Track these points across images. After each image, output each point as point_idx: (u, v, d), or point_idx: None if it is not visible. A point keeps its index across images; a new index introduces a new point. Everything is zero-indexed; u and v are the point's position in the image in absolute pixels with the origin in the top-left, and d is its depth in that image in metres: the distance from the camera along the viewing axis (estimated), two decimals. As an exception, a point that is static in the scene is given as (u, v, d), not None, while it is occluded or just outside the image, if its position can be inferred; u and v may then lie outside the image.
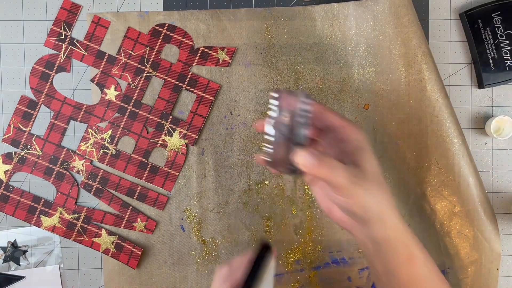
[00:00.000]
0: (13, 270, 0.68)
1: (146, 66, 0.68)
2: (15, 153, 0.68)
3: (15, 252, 0.68)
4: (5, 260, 0.68)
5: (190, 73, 0.68)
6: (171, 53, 0.68)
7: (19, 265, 0.68)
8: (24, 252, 0.68)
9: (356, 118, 0.70)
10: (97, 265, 0.69)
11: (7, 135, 0.68)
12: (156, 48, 0.68)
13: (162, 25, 0.68)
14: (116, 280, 0.69)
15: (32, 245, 0.69)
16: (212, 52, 0.68)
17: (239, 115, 0.69)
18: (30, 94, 0.68)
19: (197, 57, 0.68)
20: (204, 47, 0.68)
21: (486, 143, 0.72)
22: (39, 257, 0.69)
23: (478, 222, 0.70)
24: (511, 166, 0.73)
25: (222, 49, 0.68)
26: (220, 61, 0.69)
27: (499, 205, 0.73)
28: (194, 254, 0.70)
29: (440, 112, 0.69)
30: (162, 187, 0.69)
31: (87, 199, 0.69)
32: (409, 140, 0.70)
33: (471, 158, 0.70)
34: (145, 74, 0.68)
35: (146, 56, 0.68)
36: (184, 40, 0.68)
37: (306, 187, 0.70)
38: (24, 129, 0.68)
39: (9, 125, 0.68)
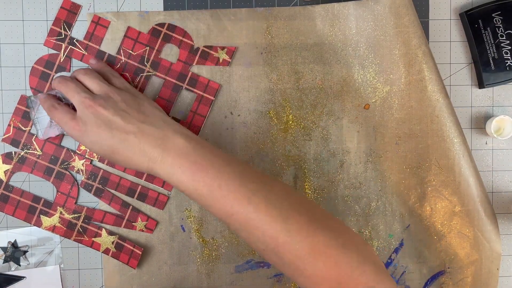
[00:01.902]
0: (13, 271, 0.68)
1: (146, 66, 0.68)
2: (15, 153, 0.68)
3: (15, 252, 0.68)
4: (5, 260, 0.68)
5: (190, 73, 0.68)
6: (171, 53, 0.68)
7: (19, 265, 0.68)
8: (24, 252, 0.68)
9: (356, 118, 0.70)
10: (97, 265, 0.69)
11: (6, 135, 0.67)
12: (156, 48, 0.68)
13: (162, 25, 0.68)
14: (117, 280, 0.69)
15: (32, 245, 0.69)
16: (212, 52, 0.68)
17: (239, 115, 0.69)
18: (30, 94, 0.67)
19: (197, 57, 0.68)
20: (204, 46, 0.68)
21: (486, 143, 0.72)
22: (40, 257, 0.69)
23: (478, 222, 0.70)
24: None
25: (222, 48, 0.68)
26: (220, 60, 0.68)
27: (500, 205, 0.73)
28: (195, 254, 0.70)
29: (441, 112, 0.69)
30: (162, 187, 0.69)
31: (87, 199, 0.68)
32: (409, 140, 0.70)
33: (472, 158, 0.70)
34: (145, 74, 0.68)
35: (146, 56, 0.68)
36: (184, 39, 0.68)
37: (306, 187, 0.70)
38: (24, 128, 0.67)
39: (9, 125, 0.67)
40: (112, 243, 0.68)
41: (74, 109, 0.61)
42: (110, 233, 0.68)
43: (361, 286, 0.51)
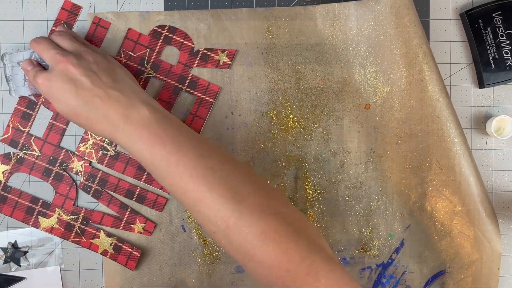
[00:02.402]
0: (13, 271, 0.68)
1: (146, 68, 0.68)
2: (13, 153, 0.67)
3: (15, 253, 0.68)
4: (5, 261, 0.68)
5: (190, 75, 0.68)
6: (171, 55, 0.68)
7: (20, 266, 0.68)
8: (25, 253, 0.68)
9: (357, 118, 0.70)
10: (98, 266, 0.69)
11: (5, 136, 0.67)
12: (156, 50, 0.68)
13: (162, 27, 0.68)
14: (117, 281, 0.69)
15: (32, 245, 0.68)
16: (212, 54, 0.68)
17: (240, 115, 0.69)
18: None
19: (197, 59, 0.68)
20: (204, 49, 0.68)
21: (486, 143, 0.73)
22: (40, 258, 0.69)
23: (479, 221, 0.70)
24: (512, 166, 0.73)
25: (223, 51, 0.68)
26: (221, 63, 0.68)
27: (500, 204, 0.73)
28: (195, 254, 0.70)
29: (441, 112, 0.69)
30: (161, 189, 0.69)
31: (86, 200, 0.68)
32: (410, 140, 0.70)
33: (472, 157, 0.70)
34: (145, 76, 0.68)
35: (146, 57, 0.68)
36: (185, 41, 0.68)
37: (307, 187, 0.70)
38: (23, 129, 0.67)
39: (8, 126, 0.67)
40: (110, 244, 0.68)
41: None
42: (109, 234, 0.68)
43: (311, 276, 0.49)
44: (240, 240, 0.51)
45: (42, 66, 0.62)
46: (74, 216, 0.68)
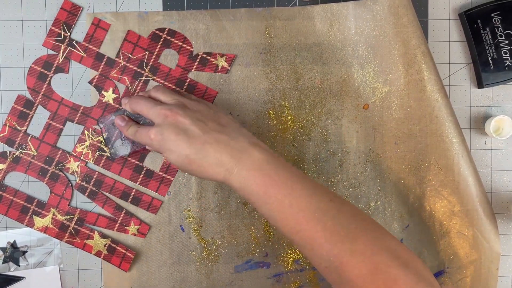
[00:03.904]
0: (12, 271, 0.68)
1: (144, 70, 0.68)
2: (9, 152, 0.67)
3: (14, 253, 0.68)
4: (4, 261, 0.68)
5: (189, 79, 0.68)
6: (170, 58, 0.68)
7: (19, 265, 0.68)
8: (24, 252, 0.68)
9: (355, 118, 0.70)
10: (96, 266, 0.69)
11: (2, 134, 0.67)
12: (155, 53, 0.68)
13: (162, 30, 0.68)
14: (116, 281, 0.69)
15: (31, 245, 0.69)
16: (211, 58, 0.68)
17: (238, 115, 0.69)
18: (28, 94, 0.67)
19: (196, 63, 0.68)
20: (203, 53, 0.68)
21: (485, 143, 0.72)
22: (39, 257, 0.69)
23: (477, 222, 0.70)
24: (511, 166, 0.73)
25: (222, 55, 0.68)
26: (219, 67, 0.68)
27: (499, 204, 0.73)
28: (194, 254, 0.70)
29: (440, 112, 0.69)
30: (156, 192, 0.69)
31: (81, 201, 0.68)
32: (408, 140, 0.70)
33: (471, 158, 0.70)
34: (143, 78, 0.68)
35: (145, 60, 0.68)
36: (184, 45, 0.68)
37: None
38: (19, 128, 0.67)
39: (5, 124, 0.67)
40: (104, 246, 0.68)
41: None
42: (103, 236, 0.68)
43: None
44: (351, 276, 0.52)
45: (134, 121, 0.64)
46: (68, 217, 0.68)
